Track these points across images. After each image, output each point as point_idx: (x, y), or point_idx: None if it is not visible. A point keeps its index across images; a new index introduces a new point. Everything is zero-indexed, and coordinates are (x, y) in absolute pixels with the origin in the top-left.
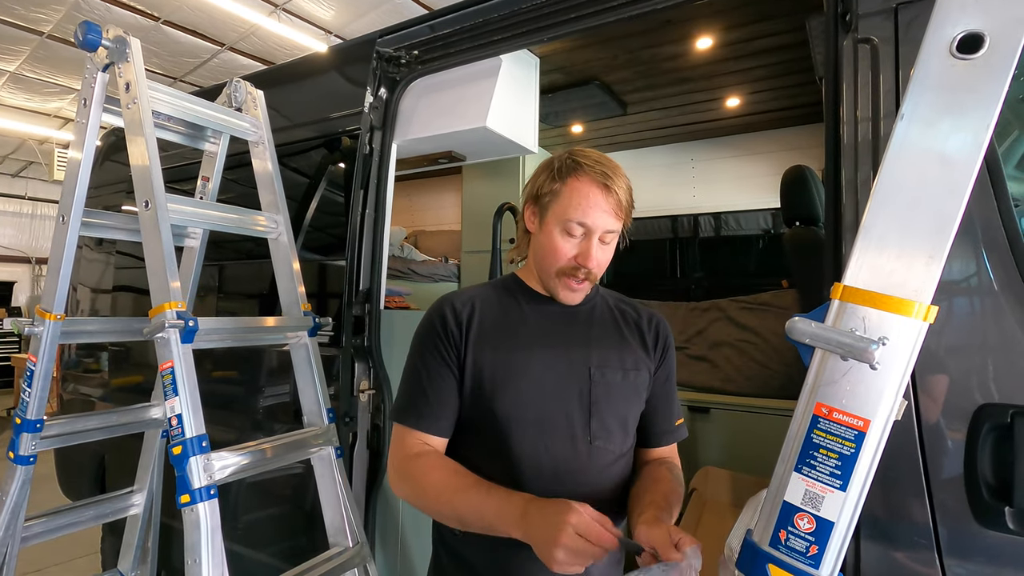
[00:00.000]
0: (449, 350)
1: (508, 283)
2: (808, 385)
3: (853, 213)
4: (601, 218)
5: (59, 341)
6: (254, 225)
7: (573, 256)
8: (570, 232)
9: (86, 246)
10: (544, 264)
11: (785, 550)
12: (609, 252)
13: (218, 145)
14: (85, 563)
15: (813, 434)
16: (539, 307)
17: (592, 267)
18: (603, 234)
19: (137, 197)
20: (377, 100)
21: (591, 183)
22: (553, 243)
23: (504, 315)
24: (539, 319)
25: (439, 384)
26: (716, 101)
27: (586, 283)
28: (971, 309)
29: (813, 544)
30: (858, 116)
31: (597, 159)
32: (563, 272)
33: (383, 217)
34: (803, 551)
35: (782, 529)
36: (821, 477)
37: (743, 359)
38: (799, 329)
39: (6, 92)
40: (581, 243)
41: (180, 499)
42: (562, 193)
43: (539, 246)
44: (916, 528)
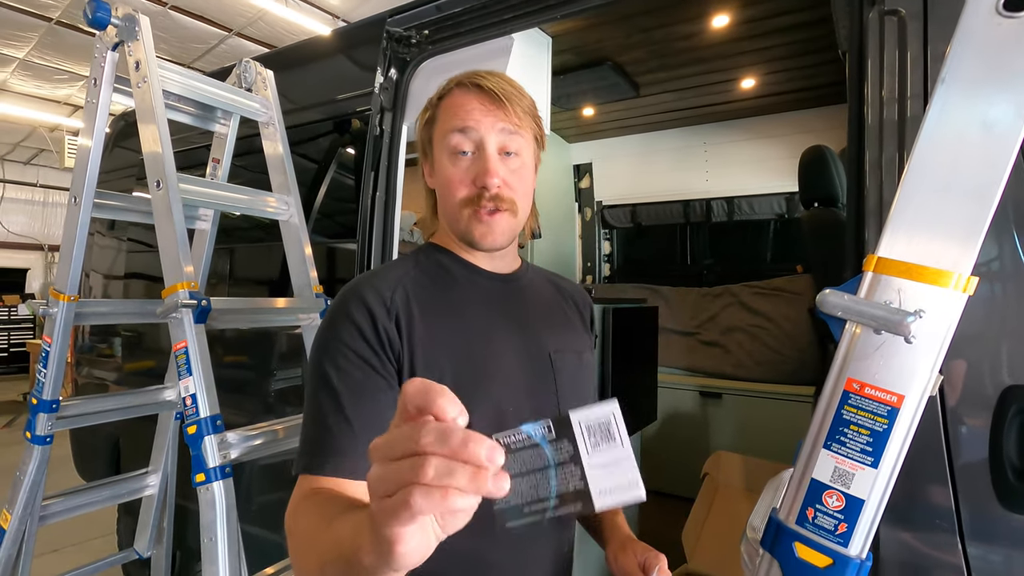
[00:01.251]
0: (381, 356)
1: (428, 253)
2: (839, 360)
3: (877, 196)
4: (485, 120)
5: (73, 322)
6: (265, 206)
7: (471, 180)
8: (459, 149)
9: (98, 232)
10: (447, 206)
11: (812, 528)
12: (522, 173)
13: (228, 127)
14: (101, 544)
15: (844, 410)
16: (475, 280)
17: (496, 185)
18: (500, 145)
19: (149, 177)
20: (387, 81)
21: (463, 91)
22: (446, 174)
23: (443, 295)
24: (483, 297)
25: (368, 407)
26: (731, 82)
27: (500, 214)
28: (999, 289)
29: (842, 522)
30: (883, 95)
31: (470, 71)
32: (467, 203)
33: (393, 200)
34: (831, 529)
35: (810, 507)
36: (851, 454)
37: (755, 344)
38: (830, 302)
39: (16, 79)
40: (476, 161)
41: (195, 478)
42: (438, 117)
43: (439, 190)
44: (937, 510)
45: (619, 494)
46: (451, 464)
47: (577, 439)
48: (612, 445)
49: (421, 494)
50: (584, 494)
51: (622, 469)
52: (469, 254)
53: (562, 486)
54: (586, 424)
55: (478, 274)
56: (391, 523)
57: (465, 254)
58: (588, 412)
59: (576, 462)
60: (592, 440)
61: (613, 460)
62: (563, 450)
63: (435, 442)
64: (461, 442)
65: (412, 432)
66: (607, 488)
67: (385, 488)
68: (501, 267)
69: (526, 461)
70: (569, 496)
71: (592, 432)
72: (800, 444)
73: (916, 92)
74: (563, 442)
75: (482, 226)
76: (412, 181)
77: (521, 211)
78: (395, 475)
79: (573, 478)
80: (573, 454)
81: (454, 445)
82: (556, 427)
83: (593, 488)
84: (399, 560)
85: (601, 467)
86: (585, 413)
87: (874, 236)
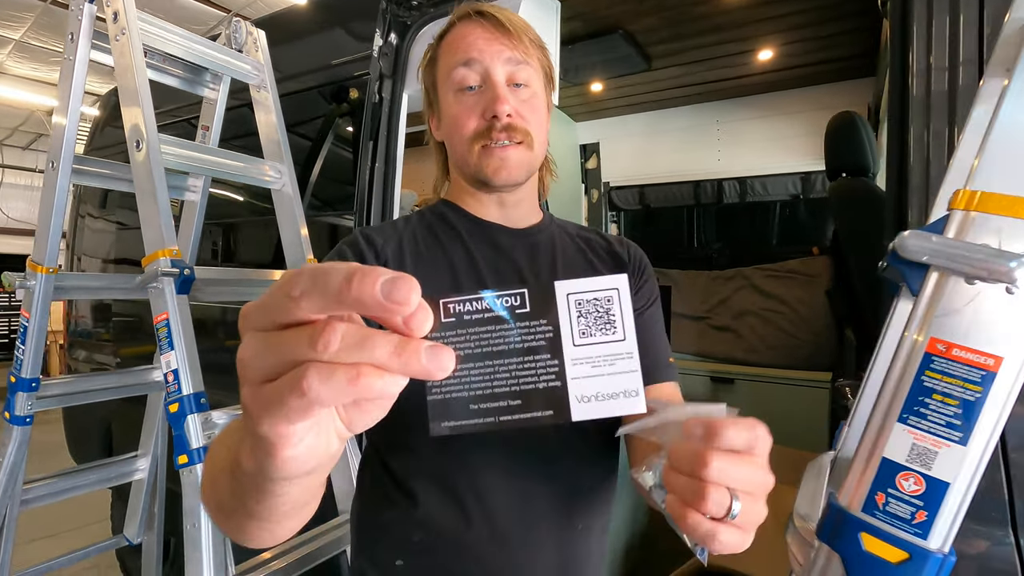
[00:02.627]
0: None
1: (435, 207)
2: (918, 316)
3: (922, 173)
4: (489, 50)
5: (53, 296)
6: (260, 174)
7: (480, 113)
8: (464, 84)
9: (89, 215)
10: (456, 146)
11: (883, 516)
12: (534, 103)
13: (217, 91)
14: (98, 528)
15: (925, 376)
16: (485, 236)
17: (508, 114)
18: (508, 75)
19: (128, 138)
20: (387, 46)
21: (464, 23)
22: (452, 112)
23: (441, 249)
24: (490, 253)
25: None
26: (747, 54)
27: (513, 147)
28: None
29: (920, 510)
30: (932, 62)
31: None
32: (477, 137)
33: (393, 172)
34: (907, 518)
35: (880, 492)
36: (934, 428)
37: (768, 329)
38: (913, 245)
39: (12, 61)
40: (483, 93)
41: (178, 460)
42: (440, 56)
43: (446, 134)
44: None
45: (608, 404)
46: (364, 331)
47: (561, 319)
48: (609, 333)
49: (320, 376)
50: (558, 396)
51: (617, 369)
52: (480, 205)
53: (528, 381)
54: (576, 299)
55: (486, 227)
56: (273, 419)
57: (476, 206)
58: (582, 284)
59: (554, 351)
60: (582, 324)
61: (607, 356)
62: (537, 332)
63: (340, 291)
64: (379, 287)
65: (303, 281)
66: (592, 392)
67: (264, 368)
68: (516, 220)
69: (482, 339)
70: (537, 397)
71: (584, 313)
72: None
73: (969, 58)
74: (539, 322)
75: (494, 160)
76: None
77: (537, 144)
78: (280, 348)
79: (546, 373)
80: (552, 339)
81: (368, 292)
82: (533, 299)
83: (573, 390)
84: (283, 467)
85: (588, 362)
86: (577, 285)
87: (917, 215)
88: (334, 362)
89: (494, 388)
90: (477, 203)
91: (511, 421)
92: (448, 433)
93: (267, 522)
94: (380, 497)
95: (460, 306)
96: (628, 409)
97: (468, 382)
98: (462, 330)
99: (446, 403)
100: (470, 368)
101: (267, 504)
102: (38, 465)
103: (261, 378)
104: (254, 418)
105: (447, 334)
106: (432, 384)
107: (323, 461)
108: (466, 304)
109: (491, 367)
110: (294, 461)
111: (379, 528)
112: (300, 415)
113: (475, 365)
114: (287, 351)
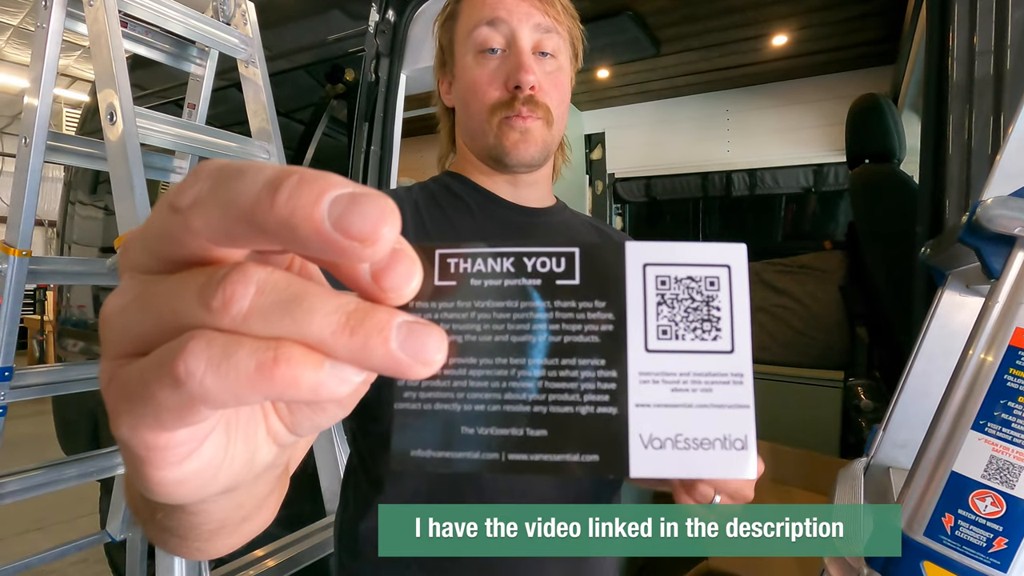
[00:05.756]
0: None
1: (440, 178)
2: (1000, 303)
3: (961, 165)
4: (518, 10)
5: (27, 280)
6: (248, 155)
7: (503, 81)
8: (486, 45)
9: (80, 202)
10: (472, 113)
11: (951, 542)
12: (559, 78)
13: (204, 67)
14: (89, 521)
15: (1008, 375)
16: (496, 211)
17: (531, 84)
18: (535, 42)
19: (101, 111)
20: (384, 23)
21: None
22: (471, 76)
23: (448, 222)
24: (498, 230)
25: None
26: (760, 39)
27: (534, 119)
28: None
29: (999, 536)
30: (976, 46)
31: None
32: (497, 108)
33: (390, 156)
34: (982, 545)
35: (948, 513)
36: (1019, 438)
37: (779, 325)
38: (999, 215)
39: (11, 48)
40: (507, 59)
41: None
42: (460, 12)
43: (460, 100)
44: None
45: (692, 457)
46: (297, 284)
47: (629, 305)
48: (707, 338)
49: (209, 355)
50: (610, 432)
51: (716, 399)
52: (490, 180)
53: (563, 400)
54: (659, 275)
55: (497, 204)
56: (136, 420)
57: (485, 180)
58: (671, 251)
59: (613, 356)
60: (664, 317)
61: (701, 374)
62: (588, 321)
63: (256, 205)
64: (326, 203)
65: (200, 183)
66: (669, 433)
67: (131, 333)
68: (529, 199)
69: (495, 322)
70: (574, 428)
71: (669, 300)
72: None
73: (1017, 40)
74: (592, 304)
75: (515, 133)
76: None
77: (557, 122)
78: (156, 301)
79: (594, 390)
80: (611, 335)
81: (305, 210)
82: (586, 266)
83: (636, 425)
84: (162, 492)
85: (667, 381)
86: (663, 251)
87: (956, 209)
88: (239, 333)
89: (505, 405)
90: (487, 178)
91: (526, 463)
92: (418, 469)
93: (189, 541)
94: (364, 508)
95: (467, 263)
96: (724, 469)
97: (464, 389)
98: (464, 302)
99: (423, 418)
100: (470, 366)
101: (180, 522)
102: (34, 456)
103: (125, 349)
104: (110, 414)
105: (440, 306)
106: (405, 385)
107: (242, 478)
108: (476, 262)
109: (504, 369)
110: (180, 485)
111: (364, 540)
112: (177, 418)
113: (478, 362)
114: (166, 307)
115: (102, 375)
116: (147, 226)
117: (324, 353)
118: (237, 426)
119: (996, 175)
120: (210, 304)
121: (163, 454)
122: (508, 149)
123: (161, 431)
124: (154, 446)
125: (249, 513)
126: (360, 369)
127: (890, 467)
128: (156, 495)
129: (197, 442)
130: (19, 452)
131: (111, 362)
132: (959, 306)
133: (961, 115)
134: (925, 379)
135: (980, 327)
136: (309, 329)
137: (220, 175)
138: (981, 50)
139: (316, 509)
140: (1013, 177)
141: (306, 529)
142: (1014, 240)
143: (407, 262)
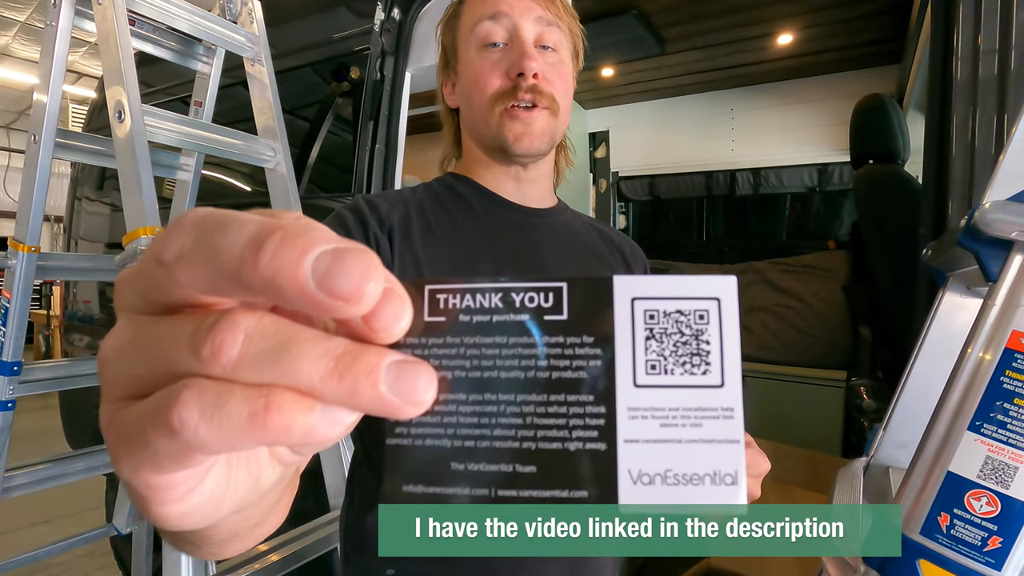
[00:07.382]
0: None
1: (444, 179)
2: (997, 306)
3: (965, 167)
4: (519, 5)
5: (36, 276)
6: (253, 152)
7: (504, 71)
8: (489, 40)
9: (86, 198)
10: (475, 107)
11: (947, 541)
12: (561, 69)
13: (211, 65)
14: (95, 515)
15: (1005, 377)
16: (495, 210)
17: (534, 71)
18: (536, 35)
19: (110, 109)
20: (389, 21)
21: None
22: (473, 69)
23: (451, 221)
24: (500, 230)
25: None
26: (765, 38)
27: (538, 110)
28: None
29: (994, 535)
30: (980, 46)
31: None
32: (499, 98)
33: (395, 154)
34: (977, 544)
35: (943, 512)
36: (1015, 439)
37: (782, 325)
38: (998, 219)
39: (18, 44)
40: (509, 51)
41: None
42: (463, 11)
43: (464, 95)
44: None
45: (682, 491)
46: (286, 329)
47: (618, 340)
48: (697, 372)
49: (202, 406)
50: (599, 467)
51: (705, 434)
52: (494, 179)
53: (552, 436)
54: (647, 310)
55: (500, 204)
56: (135, 463)
57: (489, 180)
58: (659, 285)
59: (601, 392)
60: (653, 352)
61: (689, 409)
62: (576, 356)
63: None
64: (309, 263)
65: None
66: (658, 468)
67: (128, 375)
68: (531, 199)
69: (484, 357)
70: (563, 464)
71: (658, 334)
72: (874, 431)
73: (1023, 39)
74: (580, 339)
75: (518, 124)
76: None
77: (562, 112)
78: (151, 347)
79: (583, 426)
80: (600, 370)
81: (288, 271)
82: (575, 301)
83: (625, 460)
84: (167, 523)
85: (656, 416)
86: (651, 285)
87: (958, 209)
88: (230, 380)
89: (494, 441)
90: (491, 176)
91: (514, 498)
92: (407, 502)
93: (203, 548)
94: (369, 502)
95: (456, 299)
96: (714, 500)
97: (453, 425)
98: (454, 338)
99: (412, 454)
100: (459, 402)
101: (191, 536)
102: (40, 450)
103: (123, 392)
104: (111, 455)
105: (430, 342)
106: (396, 421)
107: (248, 500)
108: (466, 297)
109: (493, 405)
110: (185, 517)
111: (369, 535)
112: (175, 463)
113: (468, 398)
114: (159, 355)
115: (102, 417)
116: (137, 272)
117: (315, 398)
118: (239, 456)
119: (999, 176)
120: (200, 353)
121: (165, 493)
122: (511, 139)
123: (161, 473)
124: (155, 486)
125: (260, 520)
126: (351, 411)
127: (890, 467)
128: (163, 527)
129: (198, 480)
130: (25, 446)
131: (110, 405)
132: (960, 307)
133: (965, 115)
134: (926, 380)
135: (977, 329)
136: (298, 375)
137: (203, 228)
138: (985, 50)
139: (320, 504)
140: (1016, 178)
141: (311, 524)
142: (1011, 244)
143: (397, 302)
